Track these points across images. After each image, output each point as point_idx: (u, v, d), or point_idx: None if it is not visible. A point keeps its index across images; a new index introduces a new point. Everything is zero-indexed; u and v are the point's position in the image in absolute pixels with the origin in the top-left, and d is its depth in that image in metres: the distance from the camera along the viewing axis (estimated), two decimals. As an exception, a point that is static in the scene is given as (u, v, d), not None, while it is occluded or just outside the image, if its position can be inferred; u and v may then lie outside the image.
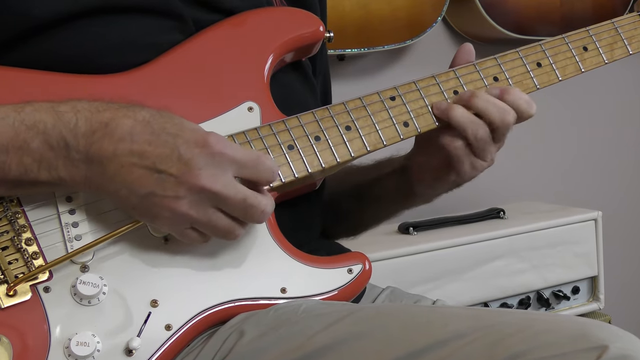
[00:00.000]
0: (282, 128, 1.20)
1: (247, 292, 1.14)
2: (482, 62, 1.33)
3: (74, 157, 1.04)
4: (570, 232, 2.39)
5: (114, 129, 1.03)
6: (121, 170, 1.03)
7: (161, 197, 1.04)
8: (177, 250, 1.13)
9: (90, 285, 1.08)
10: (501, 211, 2.44)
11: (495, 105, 1.27)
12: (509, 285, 2.30)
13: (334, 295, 1.18)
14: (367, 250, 1.98)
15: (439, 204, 1.48)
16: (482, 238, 2.27)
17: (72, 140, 1.03)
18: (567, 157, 3.05)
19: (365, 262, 1.22)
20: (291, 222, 1.24)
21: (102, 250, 1.11)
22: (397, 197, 1.45)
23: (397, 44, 2.42)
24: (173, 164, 1.03)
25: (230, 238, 1.10)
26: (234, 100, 1.21)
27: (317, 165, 1.20)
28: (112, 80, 1.16)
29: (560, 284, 2.39)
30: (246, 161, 1.06)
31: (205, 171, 1.03)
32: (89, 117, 1.04)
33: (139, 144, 1.03)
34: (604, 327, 0.96)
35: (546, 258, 2.35)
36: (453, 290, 2.20)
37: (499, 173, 2.83)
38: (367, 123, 1.25)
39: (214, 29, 1.24)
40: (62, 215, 1.11)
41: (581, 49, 1.39)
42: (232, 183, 1.05)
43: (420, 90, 1.29)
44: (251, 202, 1.07)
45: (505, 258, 2.29)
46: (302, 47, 1.29)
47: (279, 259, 1.18)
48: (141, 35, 1.18)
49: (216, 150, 1.04)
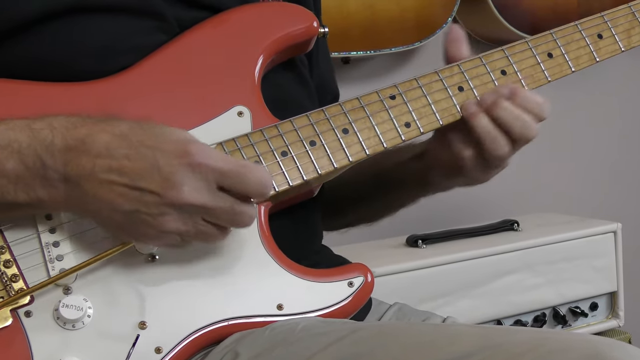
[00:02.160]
0: (275, 133, 1.19)
1: (241, 310, 1.13)
2: (488, 55, 1.31)
3: (51, 176, 1.03)
4: (587, 245, 2.37)
5: (90, 145, 1.03)
6: (100, 188, 1.03)
7: (145, 214, 1.03)
8: (165, 268, 1.12)
9: (74, 308, 1.07)
10: (515, 223, 2.42)
11: (519, 119, 1.25)
12: (523, 302, 2.28)
13: (334, 311, 1.17)
14: (373, 264, 1.98)
15: (449, 215, 1.48)
16: (495, 251, 2.25)
17: (49, 159, 1.03)
18: (584, 165, 3.05)
19: (367, 274, 1.21)
20: (289, 233, 1.23)
21: (85, 271, 1.10)
22: (416, 184, 1.44)
23: (405, 46, 2.42)
24: (153, 179, 1.02)
25: (216, 241, 1.10)
26: (222, 105, 1.19)
27: (312, 172, 1.19)
28: (92, 88, 1.15)
29: (578, 300, 2.37)
30: (228, 171, 1.05)
31: (187, 185, 1.03)
32: (65, 133, 1.04)
33: (117, 159, 1.03)
34: (618, 347, 0.95)
35: (562, 272, 2.33)
36: (464, 306, 2.19)
37: (512, 183, 2.83)
38: (365, 125, 1.23)
39: (199, 28, 1.22)
40: (42, 234, 1.10)
41: (595, 37, 1.36)
42: (217, 194, 1.05)
43: (422, 87, 1.27)
44: (240, 210, 1.07)
45: (519, 272, 2.27)
46: (295, 45, 1.27)
47: (274, 274, 1.16)
48: (121, 38, 1.17)
49: (196, 161, 1.03)
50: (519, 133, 1.25)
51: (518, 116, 1.25)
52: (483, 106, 1.26)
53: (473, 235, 2.38)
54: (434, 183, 1.41)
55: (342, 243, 1.61)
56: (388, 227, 1.70)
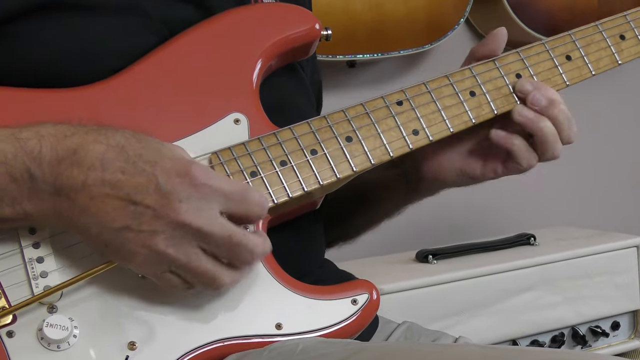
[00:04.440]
0: (274, 142, 1.18)
1: (238, 330, 1.12)
2: (502, 58, 1.31)
3: (40, 188, 1.03)
4: (609, 261, 2.36)
5: (83, 156, 1.02)
6: (92, 202, 1.02)
7: (136, 232, 1.02)
8: (156, 285, 1.10)
9: (59, 328, 1.06)
10: (531, 237, 2.42)
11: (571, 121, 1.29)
12: (540, 321, 2.28)
13: (337, 331, 1.15)
14: (381, 281, 2.00)
15: (461, 229, 1.48)
16: (510, 267, 2.24)
17: (37, 171, 1.02)
18: (605, 176, 3.05)
19: (373, 291, 1.20)
20: (289, 248, 1.23)
21: (71, 288, 1.09)
22: (399, 191, 1.44)
23: (414, 48, 2.43)
24: (150, 195, 1.02)
25: (214, 286, 1.08)
26: (218, 112, 1.19)
27: (314, 183, 1.18)
28: (80, 94, 1.14)
29: (598, 318, 2.37)
30: (233, 193, 1.05)
31: (186, 204, 1.02)
32: (54, 143, 1.03)
33: (112, 172, 1.02)
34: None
35: (582, 290, 2.32)
36: (478, 325, 2.18)
37: (528, 194, 2.83)
38: (370, 132, 1.23)
39: (193, 30, 1.22)
40: (25, 249, 1.09)
41: (618, 38, 1.37)
42: (217, 218, 1.04)
43: (432, 92, 1.27)
44: (238, 240, 1.05)
45: (536, 290, 2.27)
46: (296, 49, 1.26)
47: (273, 291, 1.15)
48: (102, 40, 1.16)
49: (200, 181, 1.02)
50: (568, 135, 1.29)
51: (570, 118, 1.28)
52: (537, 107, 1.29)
53: (487, 250, 2.37)
54: (420, 189, 1.41)
55: (348, 258, 1.61)
56: (397, 241, 1.70)
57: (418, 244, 2.33)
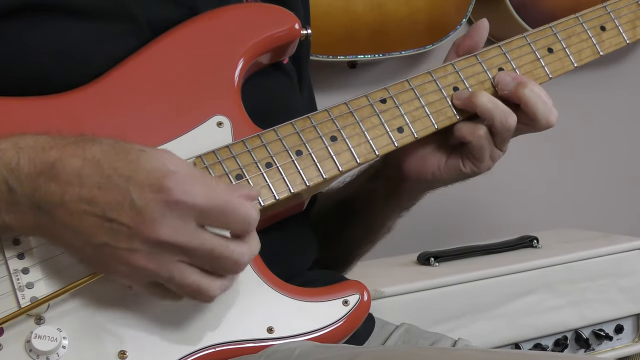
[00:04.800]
0: (258, 144, 1.18)
1: (229, 335, 1.12)
2: (484, 52, 1.32)
3: (19, 201, 1.02)
4: (613, 263, 2.35)
5: (60, 170, 1.01)
6: (71, 218, 1.01)
7: (115, 248, 1.02)
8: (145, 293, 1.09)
9: (47, 339, 1.06)
10: (534, 239, 2.41)
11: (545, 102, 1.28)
12: (543, 324, 2.27)
13: (329, 333, 1.15)
14: (382, 284, 1.99)
15: (463, 231, 1.47)
16: (513, 270, 2.24)
17: (15, 183, 1.02)
18: (608, 177, 3.04)
19: (364, 292, 1.20)
20: (277, 250, 1.22)
21: (58, 299, 1.08)
22: (383, 203, 1.44)
23: (416, 49, 2.43)
24: (125, 212, 1.00)
25: (203, 298, 1.07)
26: (200, 115, 1.18)
27: (300, 184, 1.18)
28: (58, 103, 1.13)
29: (602, 322, 2.36)
30: (211, 209, 1.02)
31: (161, 222, 1.00)
32: (32, 156, 1.02)
33: (88, 188, 1.01)
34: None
35: (585, 293, 2.31)
36: (479, 329, 2.17)
37: (531, 196, 2.83)
38: (355, 131, 1.23)
39: (174, 32, 1.22)
40: (10, 260, 1.08)
41: (598, 29, 1.38)
42: (195, 232, 1.02)
43: (415, 89, 1.28)
44: (220, 253, 1.04)
45: (539, 293, 2.26)
46: (277, 48, 1.26)
47: (263, 294, 1.15)
48: (86, 44, 1.16)
49: (174, 197, 1.00)
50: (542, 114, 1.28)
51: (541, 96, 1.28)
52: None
53: (489, 252, 2.37)
54: (402, 190, 1.41)
55: None
56: (398, 243, 1.69)
57: (419, 246, 2.33)
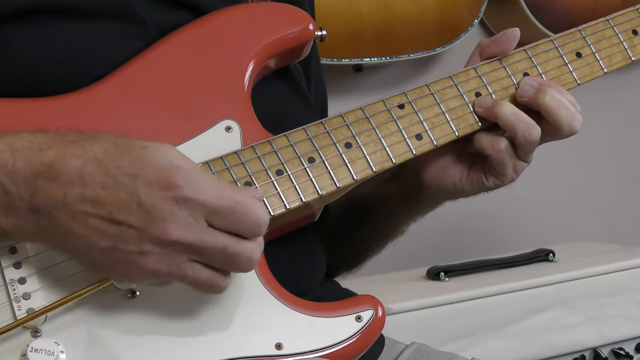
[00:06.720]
0: (268, 150, 1.17)
1: (235, 351, 1.11)
2: (508, 57, 1.32)
3: (16, 205, 1.01)
4: (633, 278, 2.35)
5: (59, 170, 1.00)
6: (74, 221, 1.00)
7: (123, 252, 1.01)
8: (148, 304, 1.10)
9: (44, 352, 1.05)
10: (550, 253, 2.41)
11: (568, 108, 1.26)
12: (559, 342, 2.26)
13: (340, 350, 1.14)
14: (389, 300, 1.98)
15: (475, 244, 1.45)
16: (527, 285, 2.23)
17: (11, 186, 1.01)
18: (629, 188, 3.05)
19: (378, 307, 1.18)
20: (287, 263, 1.22)
21: (56, 311, 1.07)
22: (397, 207, 1.42)
23: (425, 51, 2.45)
24: (132, 213, 1.00)
25: (214, 291, 1.07)
26: (208, 119, 1.18)
27: (312, 193, 1.17)
28: (62, 102, 1.13)
29: (621, 340, 2.35)
30: (221, 208, 1.02)
31: (171, 221, 1.00)
32: (28, 157, 1.01)
33: (92, 188, 1.00)
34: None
35: (604, 309, 2.31)
36: (492, 347, 2.16)
37: (546, 208, 2.82)
38: (371, 138, 1.22)
39: (181, 32, 1.21)
40: (6, 270, 1.07)
41: (630, 33, 1.37)
42: (206, 231, 1.02)
43: (435, 94, 1.27)
44: (234, 251, 1.03)
45: (555, 309, 2.25)
46: (289, 50, 1.25)
47: (272, 309, 1.14)
48: (91, 47, 1.15)
49: (183, 194, 1.00)
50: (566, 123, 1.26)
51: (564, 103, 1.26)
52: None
53: (503, 267, 2.37)
54: (421, 199, 1.39)
55: (353, 275, 1.60)
56: (406, 257, 1.68)
57: (429, 261, 2.33)
